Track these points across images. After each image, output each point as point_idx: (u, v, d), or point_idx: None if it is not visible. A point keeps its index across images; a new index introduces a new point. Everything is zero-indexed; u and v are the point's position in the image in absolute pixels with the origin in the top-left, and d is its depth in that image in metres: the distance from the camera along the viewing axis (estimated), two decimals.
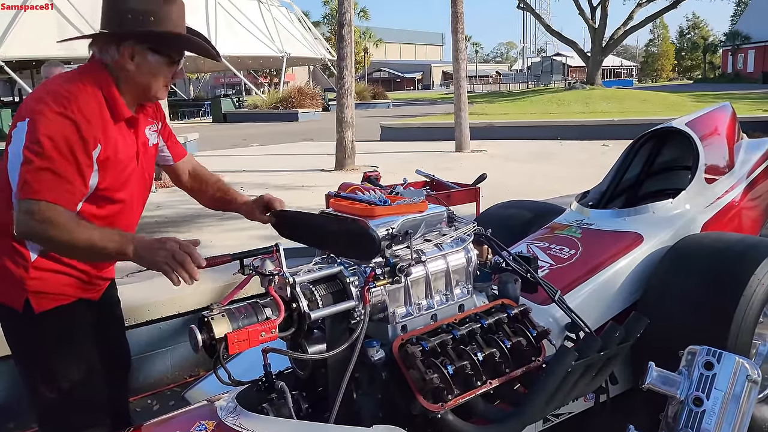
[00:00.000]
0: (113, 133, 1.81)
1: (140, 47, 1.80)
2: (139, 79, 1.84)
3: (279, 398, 1.88)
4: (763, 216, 3.58)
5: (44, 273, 1.83)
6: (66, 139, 1.68)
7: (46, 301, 1.84)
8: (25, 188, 1.63)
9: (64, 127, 1.68)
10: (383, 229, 2.00)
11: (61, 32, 24.68)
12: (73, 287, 1.89)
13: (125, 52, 1.80)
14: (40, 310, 1.84)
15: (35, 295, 1.83)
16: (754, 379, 2.12)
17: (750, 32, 51.27)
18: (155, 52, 1.82)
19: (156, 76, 1.85)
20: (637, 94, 24.53)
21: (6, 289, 1.84)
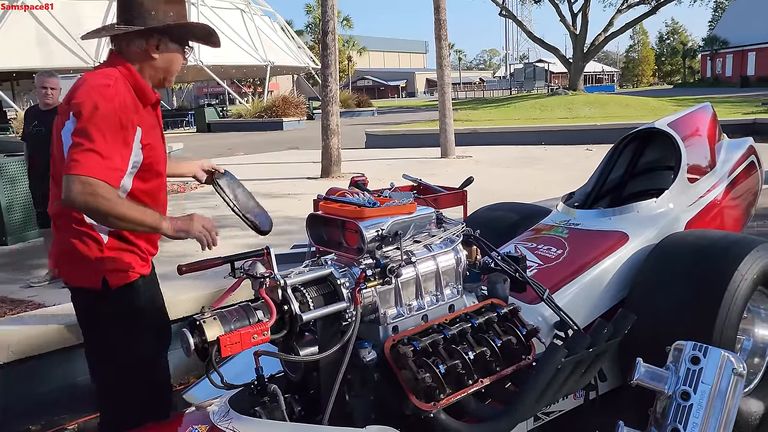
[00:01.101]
0: (145, 115, 2.08)
1: (164, 38, 2.08)
2: (161, 65, 2.11)
3: (271, 401, 1.88)
4: (745, 214, 3.64)
5: (116, 252, 2.08)
6: (108, 125, 1.90)
7: (119, 278, 2.09)
8: (76, 166, 1.83)
9: (106, 115, 1.90)
10: (373, 230, 2.01)
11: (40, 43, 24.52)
12: (136, 263, 2.14)
13: (152, 43, 2.07)
14: (116, 285, 2.08)
15: (111, 272, 2.07)
16: (740, 373, 2.15)
17: (728, 37, 52.10)
18: (175, 41, 2.11)
19: (173, 62, 2.15)
20: (619, 99, 24.81)
21: (84, 272, 2.07)
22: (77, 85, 1.99)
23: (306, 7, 57.60)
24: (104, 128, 1.88)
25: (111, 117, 1.90)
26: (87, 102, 1.90)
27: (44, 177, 5.32)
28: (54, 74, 5.19)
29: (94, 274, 2.06)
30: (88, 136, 1.86)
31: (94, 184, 1.83)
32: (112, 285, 2.07)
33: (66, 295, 2.33)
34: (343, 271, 2.01)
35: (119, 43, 2.08)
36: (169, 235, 2.00)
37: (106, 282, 2.06)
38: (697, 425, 2.10)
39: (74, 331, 3.40)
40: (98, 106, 1.89)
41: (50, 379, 3.36)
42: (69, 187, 1.83)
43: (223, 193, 2.38)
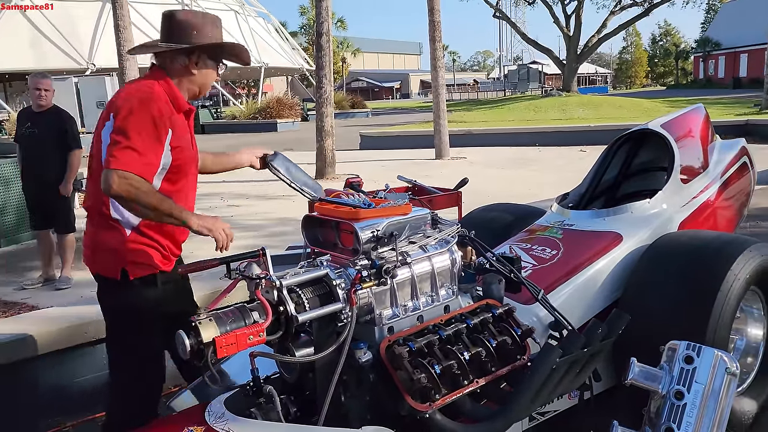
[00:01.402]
0: (177, 121, 2.26)
1: (203, 55, 2.32)
2: (199, 80, 2.35)
3: (267, 402, 1.88)
4: (738, 214, 3.66)
5: (137, 245, 2.24)
6: (145, 126, 2.10)
7: (138, 270, 2.25)
8: (115, 161, 2.03)
9: (143, 118, 2.11)
10: (368, 231, 2.02)
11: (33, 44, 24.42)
12: (156, 258, 2.29)
13: (193, 60, 2.30)
14: (134, 277, 2.25)
15: (131, 264, 2.24)
16: (733, 372, 2.16)
17: (720, 39, 52.37)
18: (212, 59, 2.35)
19: (208, 77, 2.38)
20: (613, 101, 24.89)
21: (107, 262, 2.27)
22: (119, 91, 2.28)
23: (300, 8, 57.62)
24: (140, 127, 2.09)
25: (146, 117, 2.11)
26: (125, 104, 2.13)
27: (37, 179, 5.34)
28: (47, 76, 5.17)
29: (115, 265, 2.24)
30: (125, 134, 2.06)
31: (130, 178, 2.02)
32: (131, 276, 2.24)
33: (59, 298, 2.35)
34: (338, 272, 2.01)
35: (163, 59, 2.31)
36: (194, 230, 2.16)
37: (125, 273, 2.23)
38: (690, 424, 2.11)
39: (67, 334, 3.39)
40: (135, 108, 2.11)
41: (44, 380, 3.35)
42: (108, 180, 2.01)
43: (279, 172, 2.58)
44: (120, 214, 2.22)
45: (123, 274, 2.23)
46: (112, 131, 2.09)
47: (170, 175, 2.24)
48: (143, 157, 2.07)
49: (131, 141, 2.06)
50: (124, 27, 8.83)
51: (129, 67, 8.69)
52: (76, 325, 3.39)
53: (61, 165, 5.01)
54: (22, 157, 5.18)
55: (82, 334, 3.40)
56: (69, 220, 5.22)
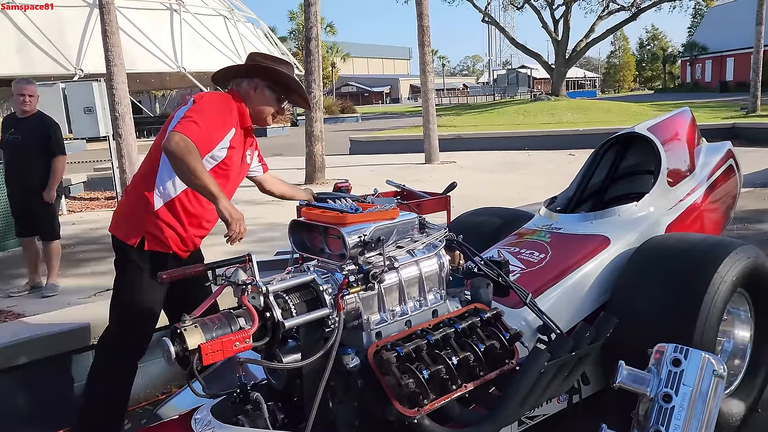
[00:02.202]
0: (238, 131, 2.58)
1: (262, 83, 2.63)
2: (257, 105, 2.64)
3: (254, 409, 1.87)
4: (725, 217, 3.68)
5: (159, 221, 2.52)
6: (213, 113, 2.43)
7: (154, 244, 2.54)
8: (179, 126, 2.31)
9: (214, 107, 2.46)
10: (355, 236, 2.01)
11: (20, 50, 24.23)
12: (173, 240, 2.57)
13: (252, 84, 2.63)
14: (149, 248, 2.53)
15: (149, 235, 2.52)
16: (720, 374, 2.17)
17: (707, 43, 52.81)
18: (270, 89, 2.65)
19: (267, 105, 2.66)
20: (601, 105, 25.05)
21: (129, 228, 2.56)
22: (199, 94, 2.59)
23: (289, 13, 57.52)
24: (208, 111, 2.41)
25: (218, 107, 2.46)
26: (207, 95, 2.51)
27: (21, 185, 5.29)
28: (31, 81, 5.13)
29: (136, 233, 2.52)
30: (194, 113, 2.37)
31: (187, 141, 2.26)
32: (147, 247, 2.52)
33: (46, 305, 2.33)
34: (325, 277, 2.00)
35: (238, 80, 2.66)
36: (218, 209, 2.30)
37: (142, 242, 2.51)
38: (679, 427, 2.12)
39: (54, 342, 3.36)
40: (213, 99, 2.49)
41: (29, 389, 3.31)
42: (169, 138, 2.27)
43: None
44: (162, 184, 2.50)
45: (140, 242, 2.51)
46: (187, 110, 2.40)
47: (217, 169, 2.51)
48: (203, 132, 2.34)
49: (197, 117, 2.35)
50: (112, 32, 8.79)
51: (117, 73, 8.65)
52: (63, 333, 3.36)
53: (44, 171, 4.97)
54: (6, 163, 5.13)
55: (69, 342, 3.38)
56: (53, 227, 5.17)
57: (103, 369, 2.69)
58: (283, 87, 2.69)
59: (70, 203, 9.39)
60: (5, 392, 3.21)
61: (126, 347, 2.67)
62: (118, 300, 2.67)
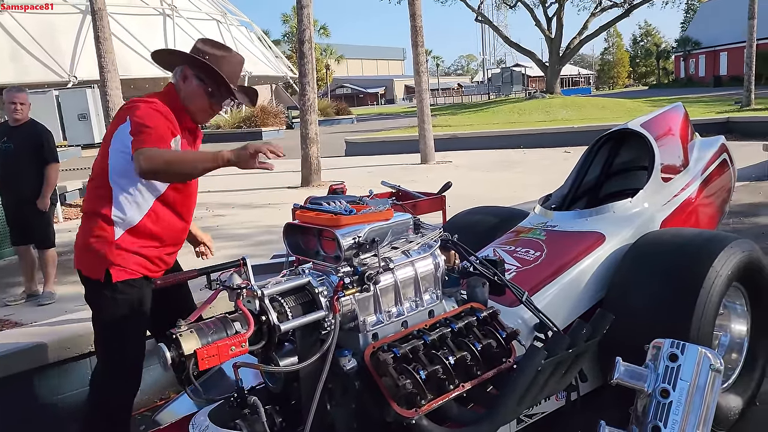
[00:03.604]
0: (183, 134, 2.40)
1: (189, 72, 2.39)
2: (185, 97, 2.41)
3: (252, 413, 1.86)
4: (720, 211, 3.69)
5: (122, 251, 2.34)
6: (158, 119, 2.26)
7: (121, 273, 2.34)
8: (140, 144, 2.15)
9: (154, 113, 2.28)
10: (350, 238, 2.01)
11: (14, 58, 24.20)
12: (141, 266, 2.38)
13: (181, 74, 2.41)
14: (117, 280, 2.34)
15: (114, 267, 2.33)
16: (717, 368, 2.18)
17: (700, 38, 52.93)
18: (199, 79, 2.38)
19: (194, 98, 2.41)
20: (596, 102, 25.10)
21: (92, 263, 2.36)
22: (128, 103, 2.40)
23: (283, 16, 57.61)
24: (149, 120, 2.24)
25: (154, 116, 2.27)
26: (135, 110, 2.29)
27: (14, 193, 5.28)
28: (23, 89, 5.12)
29: (100, 267, 2.33)
30: (140, 125, 2.22)
31: (146, 151, 2.12)
32: (114, 279, 2.33)
33: (42, 313, 2.34)
34: (321, 279, 2.00)
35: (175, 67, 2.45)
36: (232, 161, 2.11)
37: (108, 275, 2.32)
38: (677, 422, 2.12)
39: (51, 350, 3.35)
40: (144, 110, 2.29)
41: (27, 398, 3.30)
42: (137, 162, 2.13)
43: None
44: (122, 213, 2.32)
45: (107, 275, 2.32)
46: (129, 131, 2.24)
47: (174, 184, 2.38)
48: (163, 141, 2.21)
49: (150, 128, 2.21)
50: (105, 38, 8.78)
51: (110, 79, 8.64)
52: (61, 341, 3.35)
53: (37, 179, 4.96)
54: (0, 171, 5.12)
55: (66, 349, 3.37)
56: (47, 235, 5.15)
57: (101, 404, 2.49)
58: (211, 79, 2.40)
59: (66, 210, 9.36)
60: (4, 401, 3.20)
61: (119, 385, 2.45)
62: (101, 339, 2.48)
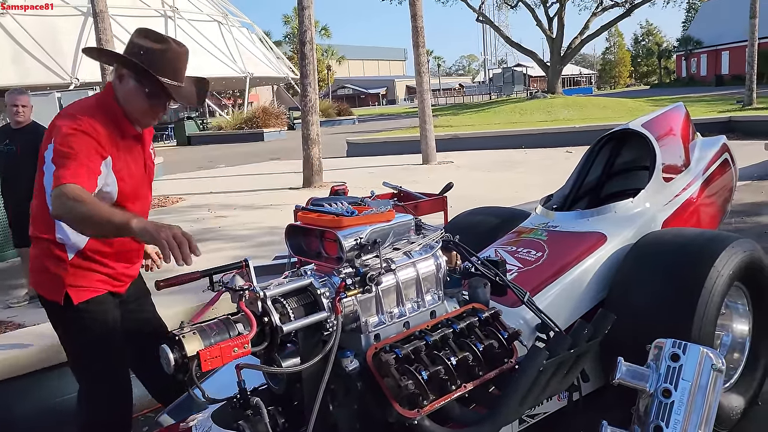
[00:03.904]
0: (123, 148, 2.17)
1: (127, 72, 2.15)
2: (123, 100, 2.17)
3: (255, 414, 1.87)
4: (721, 211, 3.69)
5: (79, 270, 2.18)
6: (80, 142, 2.02)
7: (82, 293, 2.18)
8: (57, 179, 1.95)
9: (77, 135, 2.03)
10: (352, 239, 2.02)
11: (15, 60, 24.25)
12: (103, 282, 2.23)
13: (117, 72, 2.17)
14: (78, 301, 2.17)
15: (73, 288, 2.17)
16: (719, 368, 2.18)
17: (701, 37, 52.89)
18: (135, 80, 2.14)
19: (132, 100, 2.17)
20: (597, 101, 25.09)
21: (49, 286, 2.20)
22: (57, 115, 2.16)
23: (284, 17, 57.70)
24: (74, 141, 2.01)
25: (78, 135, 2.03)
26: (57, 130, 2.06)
27: (16, 195, 5.28)
28: (25, 92, 5.14)
29: (58, 290, 2.17)
30: (60, 153, 2.00)
31: (62, 191, 1.90)
32: (75, 300, 2.17)
33: (45, 315, 2.33)
34: (323, 280, 2.00)
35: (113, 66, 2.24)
36: (135, 233, 1.87)
37: (68, 297, 2.16)
38: (679, 422, 2.12)
39: (55, 351, 3.36)
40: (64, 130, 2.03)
41: (32, 399, 3.31)
42: (53, 200, 1.94)
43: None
44: (65, 237, 2.15)
45: (66, 298, 2.17)
46: (51, 158, 2.03)
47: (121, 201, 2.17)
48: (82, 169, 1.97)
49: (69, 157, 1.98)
50: (107, 40, 8.81)
51: None
52: None
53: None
54: (2, 173, 5.14)
55: None
56: None
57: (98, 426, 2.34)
58: (148, 79, 2.14)
59: None
60: (6, 402, 3.22)
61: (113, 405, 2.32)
62: (80, 363, 2.31)
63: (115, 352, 2.29)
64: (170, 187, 12.39)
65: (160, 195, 11.19)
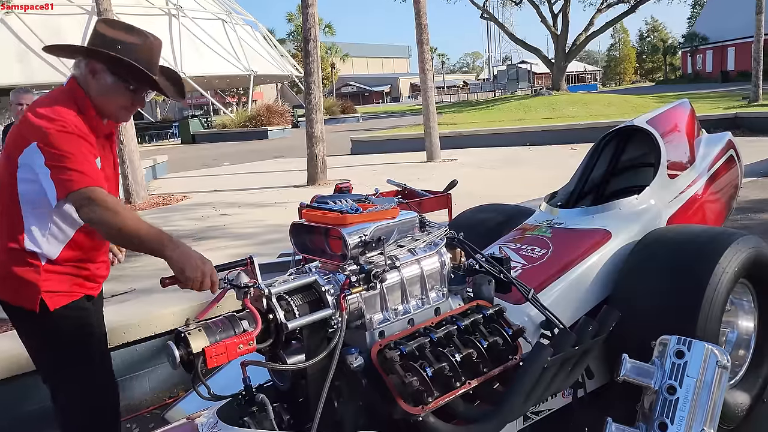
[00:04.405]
0: (100, 147, 2.06)
1: (101, 66, 2.02)
2: (99, 96, 2.05)
3: (260, 411, 1.88)
4: (726, 207, 3.68)
5: (53, 275, 2.03)
6: (78, 146, 1.90)
7: (58, 298, 2.04)
8: (71, 183, 1.84)
9: (70, 139, 1.90)
10: (356, 236, 2.02)
11: (20, 59, 24.35)
12: (79, 285, 2.09)
13: (89, 67, 2.03)
14: (55, 307, 2.03)
15: (49, 294, 2.02)
16: (724, 365, 2.18)
17: (707, 33, 52.67)
18: (113, 73, 2.03)
19: (111, 96, 2.05)
20: (602, 98, 25.00)
21: (21, 293, 2.02)
22: (27, 115, 1.96)
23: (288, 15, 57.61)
24: (70, 143, 1.89)
25: (71, 138, 1.91)
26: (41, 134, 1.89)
27: None
28: (29, 90, 5.16)
29: (31, 296, 2.01)
30: (58, 156, 1.87)
31: (89, 195, 1.83)
32: (51, 307, 2.03)
33: None
34: (327, 278, 2.01)
35: (78, 59, 2.06)
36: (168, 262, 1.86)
37: (44, 304, 2.01)
38: (683, 419, 2.12)
39: None
40: (54, 135, 1.89)
41: (36, 398, 3.32)
42: (80, 203, 1.83)
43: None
44: (37, 246, 2.00)
45: (42, 305, 2.02)
46: (45, 161, 1.88)
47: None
48: (97, 173, 1.89)
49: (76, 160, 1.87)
50: None
51: None
52: None
53: None
54: None
55: None
56: None
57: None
58: (132, 75, 2.04)
59: None
60: (10, 401, 3.23)
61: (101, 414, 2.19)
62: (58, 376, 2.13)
63: (99, 357, 2.19)
64: (175, 185, 12.43)
65: (165, 193, 11.22)
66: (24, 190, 1.97)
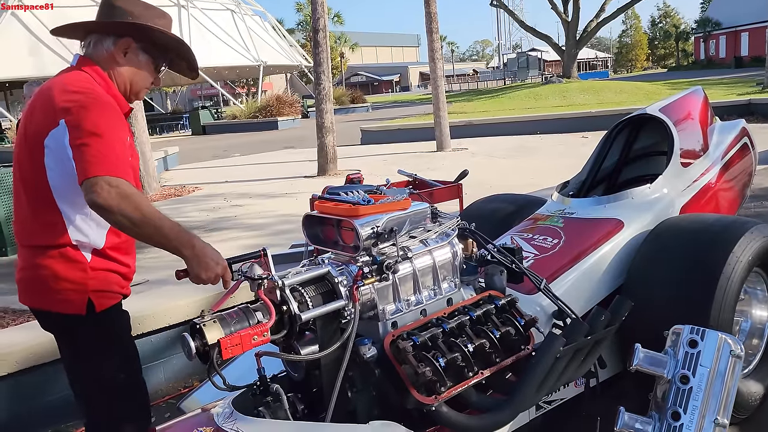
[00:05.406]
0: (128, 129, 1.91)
1: (136, 44, 1.93)
2: (126, 74, 1.94)
3: (274, 401, 1.90)
4: (740, 195, 3.65)
5: (100, 272, 1.88)
6: (111, 119, 1.77)
7: (104, 299, 1.89)
8: (94, 167, 1.66)
9: (105, 109, 1.77)
10: (368, 227, 2.03)
11: (32, 52, 24.47)
12: (119, 285, 1.96)
13: (121, 45, 1.91)
14: (101, 309, 1.88)
15: (96, 293, 1.87)
16: (738, 354, 2.17)
17: (720, 18, 52.02)
18: (146, 51, 1.95)
19: (140, 75, 1.97)
20: (613, 85, 24.76)
21: (67, 297, 1.85)
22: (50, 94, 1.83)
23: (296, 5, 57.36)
24: (104, 118, 1.75)
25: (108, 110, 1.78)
26: (82, 113, 1.73)
27: None
28: (42, 84, 5.19)
29: (79, 299, 1.85)
30: (87, 133, 1.70)
31: (123, 185, 1.67)
32: (98, 308, 1.88)
33: None
34: (340, 269, 2.03)
35: (89, 43, 1.93)
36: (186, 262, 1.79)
37: (91, 305, 1.86)
38: (696, 408, 2.12)
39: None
40: (92, 113, 1.73)
41: (55, 388, 3.37)
42: (100, 188, 1.64)
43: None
44: (83, 234, 1.85)
45: (89, 307, 1.86)
46: (70, 139, 1.71)
47: None
48: (122, 161, 1.72)
49: (104, 141, 1.70)
50: None
51: None
52: None
53: None
54: None
55: None
56: None
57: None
58: (161, 49, 1.98)
59: None
60: (16, 395, 3.27)
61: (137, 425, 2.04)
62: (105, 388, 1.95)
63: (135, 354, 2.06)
64: (186, 177, 12.49)
65: (177, 184, 11.27)
66: (54, 179, 1.80)
